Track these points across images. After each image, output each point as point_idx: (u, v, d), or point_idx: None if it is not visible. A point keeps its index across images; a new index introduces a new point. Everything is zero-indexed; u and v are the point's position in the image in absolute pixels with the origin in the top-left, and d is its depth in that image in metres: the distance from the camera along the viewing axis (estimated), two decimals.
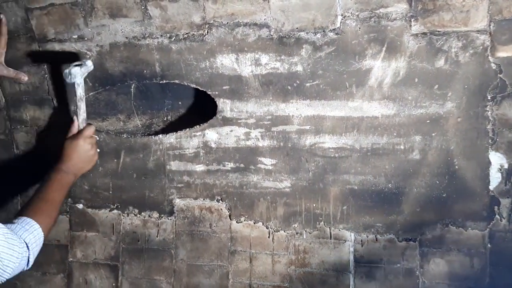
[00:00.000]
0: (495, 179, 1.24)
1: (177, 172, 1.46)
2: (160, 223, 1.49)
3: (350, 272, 1.36)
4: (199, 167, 1.44)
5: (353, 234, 1.35)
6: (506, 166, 1.23)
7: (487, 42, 1.17)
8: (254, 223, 1.42)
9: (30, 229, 1.00)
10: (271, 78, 1.32)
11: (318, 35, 1.25)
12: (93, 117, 1.52)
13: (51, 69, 1.46)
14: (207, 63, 1.35)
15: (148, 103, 1.58)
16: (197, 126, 1.42)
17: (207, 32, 1.32)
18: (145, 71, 1.40)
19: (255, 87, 1.34)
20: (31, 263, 1.00)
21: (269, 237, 1.41)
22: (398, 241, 1.32)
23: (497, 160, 1.23)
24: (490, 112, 1.21)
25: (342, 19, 1.23)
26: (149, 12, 1.33)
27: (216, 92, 1.37)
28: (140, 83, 1.50)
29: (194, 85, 1.38)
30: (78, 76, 1.22)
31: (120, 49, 1.39)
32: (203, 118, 1.41)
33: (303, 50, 1.27)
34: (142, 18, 1.34)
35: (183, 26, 1.33)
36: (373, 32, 1.22)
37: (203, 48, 1.33)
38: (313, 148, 1.34)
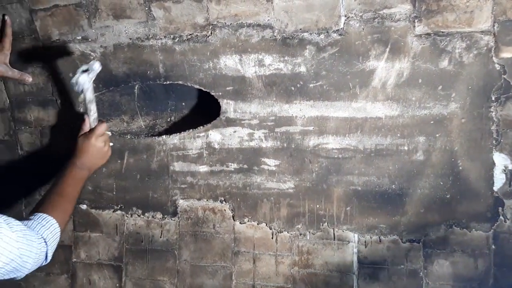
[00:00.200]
0: (499, 180, 1.24)
1: (181, 173, 1.46)
2: (164, 224, 1.50)
3: (354, 273, 1.36)
4: (203, 168, 1.44)
5: (357, 235, 1.35)
6: (510, 167, 1.22)
7: (491, 43, 1.17)
8: (258, 224, 1.42)
9: (47, 225, 1.01)
10: (275, 79, 1.32)
11: (322, 36, 1.25)
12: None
13: (55, 70, 1.47)
14: (211, 64, 1.35)
15: (152, 104, 1.58)
16: (201, 127, 1.42)
17: (211, 33, 1.32)
18: (149, 72, 1.41)
19: (259, 88, 1.34)
20: (50, 258, 1.01)
21: (273, 238, 1.41)
22: (402, 242, 1.32)
23: (501, 161, 1.23)
24: (494, 113, 1.21)
25: (346, 20, 1.23)
26: (153, 13, 1.33)
27: (220, 93, 1.37)
28: (144, 84, 1.50)
29: (198, 86, 1.39)
30: (86, 83, 1.18)
31: (124, 50, 1.40)
32: (207, 119, 1.42)
33: (307, 51, 1.27)
34: (146, 19, 1.35)
35: (187, 27, 1.33)
36: (377, 33, 1.22)
37: (207, 49, 1.33)
38: (317, 149, 1.34)
